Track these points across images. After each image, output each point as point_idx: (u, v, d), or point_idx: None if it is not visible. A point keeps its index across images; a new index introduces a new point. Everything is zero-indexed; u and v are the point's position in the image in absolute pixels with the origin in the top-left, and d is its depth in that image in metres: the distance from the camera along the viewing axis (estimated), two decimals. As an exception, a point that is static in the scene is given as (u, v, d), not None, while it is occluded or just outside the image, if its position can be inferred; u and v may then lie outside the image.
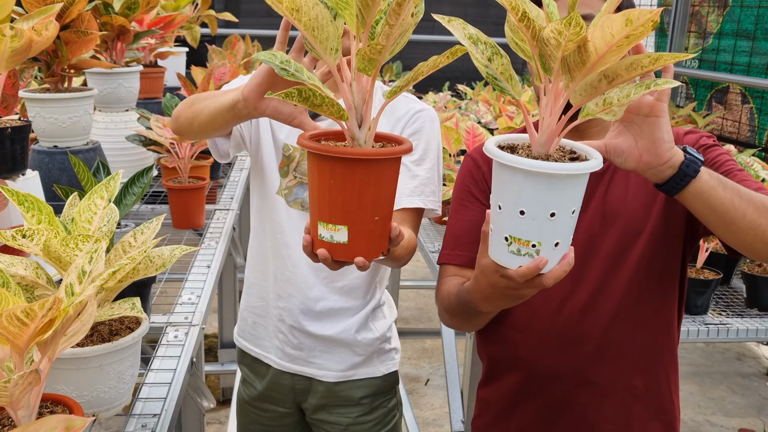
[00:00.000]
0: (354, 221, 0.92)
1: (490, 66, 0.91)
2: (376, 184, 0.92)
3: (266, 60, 0.89)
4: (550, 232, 0.89)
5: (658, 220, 1.20)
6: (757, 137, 3.52)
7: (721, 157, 1.19)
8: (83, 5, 1.99)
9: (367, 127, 0.93)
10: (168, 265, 1.11)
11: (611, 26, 0.79)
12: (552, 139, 0.91)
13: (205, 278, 1.76)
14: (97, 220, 1.12)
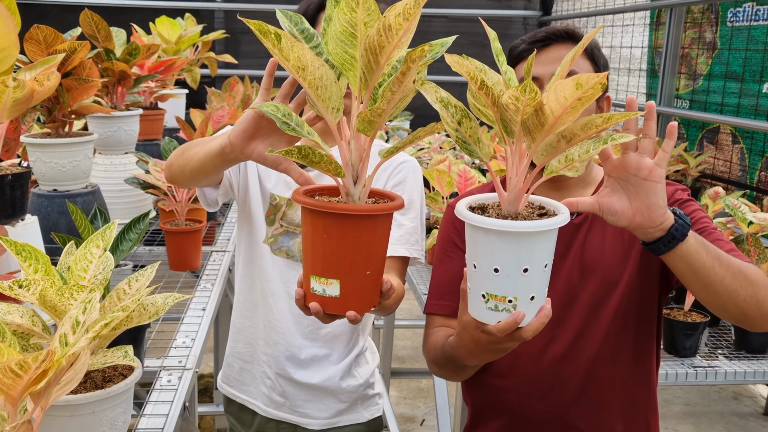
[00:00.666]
0: (346, 275, 0.95)
1: (460, 129, 0.95)
2: (369, 240, 0.95)
3: (270, 113, 0.93)
4: (525, 287, 0.92)
5: (634, 271, 1.23)
6: (748, 177, 3.57)
7: (696, 213, 1.22)
8: (85, 53, 2.05)
9: (362, 184, 0.96)
10: (161, 313, 1.13)
11: (564, 90, 0.84)
12: (520, 198, 0.95)
13: (200, 321, 1.78)
14: (93, 268, 1.15)
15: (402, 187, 1.46)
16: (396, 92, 0.89)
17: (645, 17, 4.57)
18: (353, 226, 0.93)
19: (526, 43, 1.30)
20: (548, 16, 6.00)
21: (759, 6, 3.44)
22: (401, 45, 0.88)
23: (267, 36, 0.88)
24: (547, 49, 1.28)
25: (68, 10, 5.39)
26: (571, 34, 1.28)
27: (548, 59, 1.26)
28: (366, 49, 0.87)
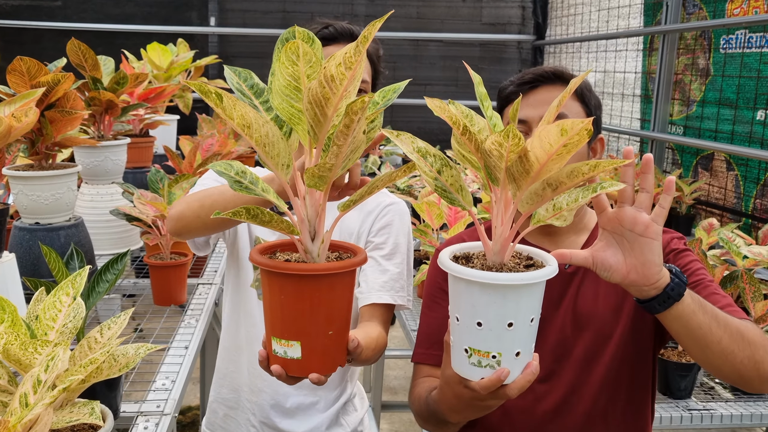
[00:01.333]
0: (307, 337, 0.91)
1: (440, 178, 0.91)
2: (327, 300, 0.91)
3: (220, 171, 0.89)
4: (509, 342, 0.88)
5: (627, 324, 1.20)
6: (743, 204, 3.54)
7: (692, 265, 1.19)
8: (69, 85, 2.02)
9: (320, 241, 0.92)
10: (132, 365, 1.09)
11: (548, 136, 0.81)
12: (506, 247, 0.91)
13: (182, 361, 1.73)
14: (62, 317, 1.11)
15: (388, 230, 1.42)
16: (343, 145, 0.86)
17: (638, 43, 4.58)
18: (310, 287, 0.89)
19: (514, 85, 1.28)
20: (542, 40, 6.02)
21: (751, 33, 3.43)
22: (348, 94, 0.85)
23: (208, 96, 0.85)
24: (536, 91, 1.25)
25: (62, 34, 5.37)
26: (559, 75, 1.25)
27: (537, 101, 1.23)
28: (310, 102, 0.85)
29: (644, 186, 0.97)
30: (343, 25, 1.42)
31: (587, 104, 1.27)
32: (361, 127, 0.87)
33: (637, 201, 0.97)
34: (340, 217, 0.95)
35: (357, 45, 0.82)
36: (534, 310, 0.90)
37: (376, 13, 6.02)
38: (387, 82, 5.20)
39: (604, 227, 1.00)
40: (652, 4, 4.38)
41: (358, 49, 0.81)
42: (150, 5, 5.74)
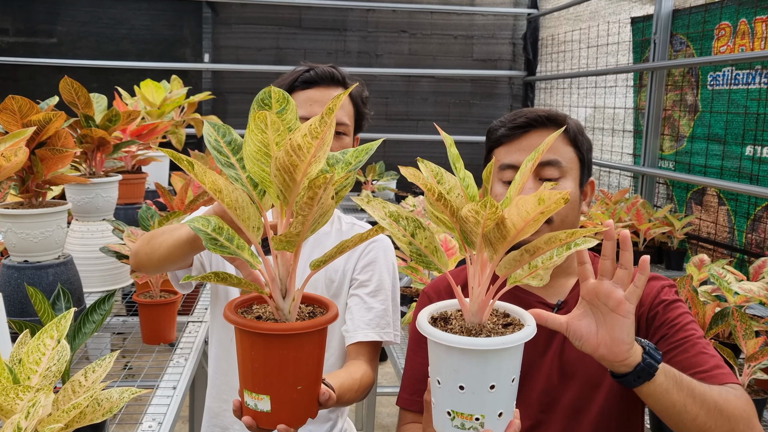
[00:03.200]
0: (276, 391, 0.93)
1: (414, 242, 0.92)
2: (295, 357, 0.92)
3: (197, 228, 0.89)
4: (492, 404, 0.89)
5: None
6: (736, 238, 3.55)
7: (681, 319, 1.18)
8: (60, 123, 2.03)
9: (292, 298, 0.94)
10: (116, 410, 1.07)
11: (525, 205, 0.84)
12: (483, 308, 0.93)
13: (170, 402, 1.71)
14: (46, 360, 1.09)
15: (372, 267, 1.43)
16: (308, 215, 0.88)
17: (628, 79, 4.64)
18: (278, 345, 0.92)
19: (506, 128, 1.27)
20: (533, 76, 6.09)
21: (738, 70, 3.48)
22: (317, 160, 0.87)
23: (181, 162, 0.89)
24: (528, 135, 1.25)
25: (57, 71, 5.41)
26: (553, 119, 1.25)
27: (529, 146, 1.23)
28: (278, 169, 0.87)
29: (623, 263, 0.98)
30: (324, 69, 1.44)
31: (579, 148, 1.28)
32: (328, 194, 0.88)
33: (615, 277, 0.98)
34: (311, 276, 0.96)
35: (322, 116, 0.84)
36: (515, 370, 0.91)
37: (368, 50, 6.09)
38: (380, 117, 5.32)
39: (584, 297, 1.01)
40: (640, 41, 4.45)
41: (323, 120, 0.84)
42: (145, 42, 5.80)
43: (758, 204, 3.38)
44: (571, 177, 1.25)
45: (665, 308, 1.20)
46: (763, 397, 1.74)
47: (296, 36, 6.01)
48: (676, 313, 1.19)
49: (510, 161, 1.24)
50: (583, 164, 1.27)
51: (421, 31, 6.17)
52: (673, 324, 1.18)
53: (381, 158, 5.58)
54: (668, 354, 1.16)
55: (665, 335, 1.18)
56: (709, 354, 1.14)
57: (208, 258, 1.48)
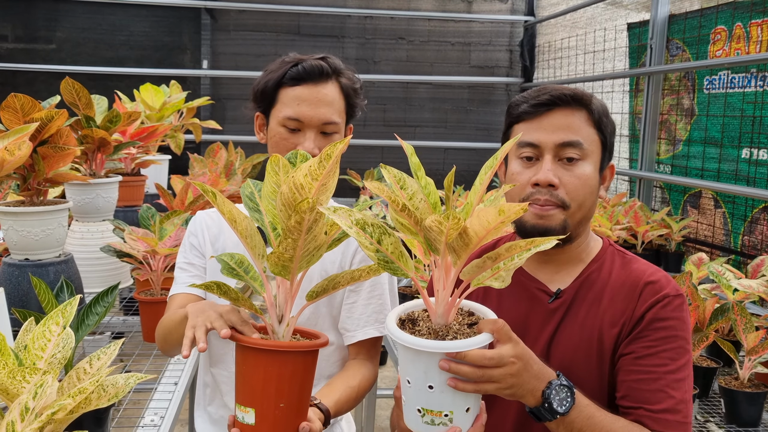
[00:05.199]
0: (259, 406, 0.98)
1: (381, 249, 0.96)
2: (278, 374, 0.98)
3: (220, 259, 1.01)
4: (460, 401, 0.95)
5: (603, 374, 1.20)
6: (732, 241, 3.57)
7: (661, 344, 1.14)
8: (62, 122, 2.04)
9: (287, 324, 1.01)
10: (121, 395, 1.08)
11: (487, 216, 0.89)
12: (449, 310, 0.97)
13: (171, 397, 1.71)
14: (51, 347, 1.10)
15: (368, 261, 1.42)
16: (298, 239, 0.95)
17: (624, 84, 4.67)
18: (264, 360, 0.98)
19: (529, 104, 1.21)
20: (530, 82, 6.12)
21: (734, 74, 3.51)
22: (322, 191, 0.95)
23: (207, 193, 1.00)
24: (551, 113, 1.19)
25: (55, 76, 5.42)
26: (578, 98, 1.19)
27: (552, 126, 1.18)
28: (283, 204, 0.94)
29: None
30: (312, 64, 1.39)
31: (603, 131, 1.23)
32: (321, 228, 0.94)
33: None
34: (308, 305, 1.04)
35: (321, 160, 0.91)
36: None
37: (366, 57, 6.12)
38: (378, 123, 5.35)
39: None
40: (636, 46, 4.49)
41: (322, 164, 0.92)
42: (143, 48, 5.82)
43: (755, 206, 3.40)
44: (591, 160, 1.20)
45: (651, 324, 1.15)
46: (763, 391, 1.75)
47: (294, 43, 6.03)
48: (659, 335, 1.14)
49: (530, 139, 1.19)
50: (605, 148, 1.23)
51: (419, 38, 6.20)
52: (649, 345, 1.14)
53: (379, 163, 5.59)
54: (631, 374, 1.14)
55: (637, 353, 1.15)
56: (669, 393, 1.11)
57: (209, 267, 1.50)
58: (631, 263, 1.25)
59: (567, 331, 1.21)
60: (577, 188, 1.19)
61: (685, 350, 1.15)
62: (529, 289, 1.27)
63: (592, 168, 1.20)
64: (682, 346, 1.15)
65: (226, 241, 1.48)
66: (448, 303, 0.97)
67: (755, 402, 1.72)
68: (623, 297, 1.20)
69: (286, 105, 1.39)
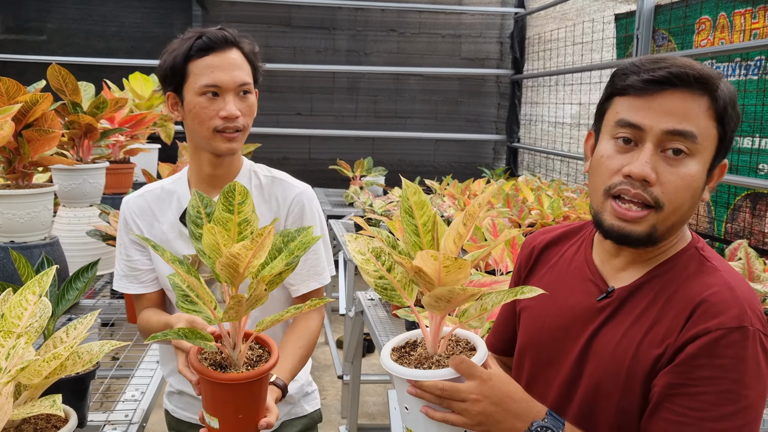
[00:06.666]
0: (221, 417, 1.16)
1: (387, 276, 1.06)
2: (234, 397, 1.15)
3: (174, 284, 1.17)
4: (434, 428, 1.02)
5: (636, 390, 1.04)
6: (716, 228, 3.61)
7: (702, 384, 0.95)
8: (47, 105, 2.06)
9: (239, 350, 1.17)
10: (95, 360, 1.10)
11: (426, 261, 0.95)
12: (436, 341, 1.05)
13: (153, 374, 1.74)
14: (27, 315, 1.12)
15: (300, 219, 1.54)
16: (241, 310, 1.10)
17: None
18: (221, 388, 1.14)
19: (640, 79, 1.01)
20: (520, 74, 6.15)
21: (718, 63, 3.55)
22: (257, 257, 1.09)
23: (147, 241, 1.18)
24: (664, 94, 0.99)
25: (46, 67, 5.43)
26: (704, 81, 0.99)
27: (663, 109, 0.99)
28: (223, 266, 1.08)
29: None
30: (215, 33, 1.45)
31: (724, 125, 1.01)
32: (261, 287, 1.07)
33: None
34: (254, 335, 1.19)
35: (253, 239, 1.05)
36: None
37: (357, 48, 6.14)
38: (369, 114, 5.38)
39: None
40: (623, 37, 4.52)
41: (254, 241, 1.05)
42: (134, 39, 5.83)
43: (737, 194, 3.44)
44: (701, 157, 1.00)
45: (694, 360, 0.97)
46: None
47: (286, 34, 6.05)
48: (702, 374, 0.96)
49: (633, 119, 1.01)
50: (721, 144, 1.02)
51: (410, 30, 6.22)
52: (685, 384, 0.97)
53: (370, 154, 5.62)
54: (661, 411, 0.99)
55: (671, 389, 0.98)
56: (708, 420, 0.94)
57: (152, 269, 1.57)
58: (706, 273, 1.03)
59: (606, 337, 1.07)
60: (678, 190, 0.99)
61: (738, 397, 0.94)
62: (586, 280, 1.13)
63: (700, 167, 1.00)
64: (733, 391, 0.94)
65: (161, 225, 1.54)
66: (434, 336, 1.04)
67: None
68: (675, 314, 1.01)
69: (200, 75, 1.43)
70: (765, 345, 0.96)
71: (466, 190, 3.86)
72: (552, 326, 1.15)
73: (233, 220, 1.16)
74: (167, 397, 1.65)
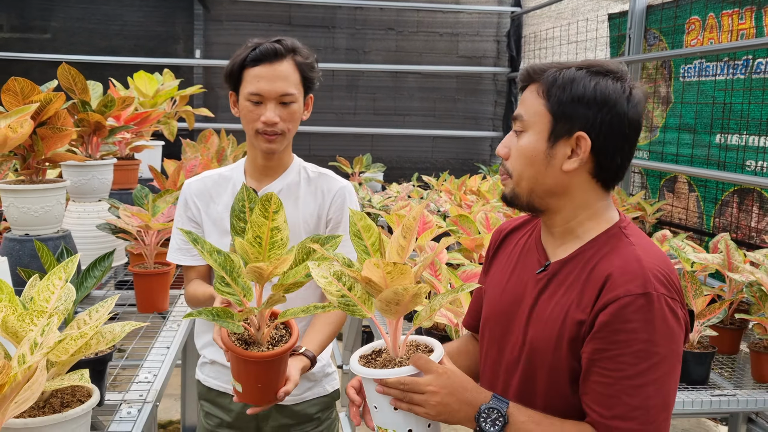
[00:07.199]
0: (244, 384, 1.37)
1: (348, 294, 1.21)
2: (256, 371, 1.36)
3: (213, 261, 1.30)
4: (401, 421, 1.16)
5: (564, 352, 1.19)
6: (705, 223, 3.72)
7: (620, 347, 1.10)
8: (60, 104, 2.16)
9: (262, 332, 1.36)
10: (118, 339, 1.20)
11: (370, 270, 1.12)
12: (395, 346, 1.20)
13: (164, 358, 1.84)
14: (54, 299, 1.23)
15: (341, 211, 1.76)
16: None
17: (606, 73, 4.79)
18: (244, 362, 1.34)
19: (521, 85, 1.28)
20: (516, 72, 6.25)
21: (707, 62, 3.65)
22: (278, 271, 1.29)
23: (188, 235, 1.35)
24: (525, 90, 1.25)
25: (50, 65, 5.52)
26: (530, 75, 1.23)
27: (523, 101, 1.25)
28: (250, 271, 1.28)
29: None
30: (267, 47, 1.67)
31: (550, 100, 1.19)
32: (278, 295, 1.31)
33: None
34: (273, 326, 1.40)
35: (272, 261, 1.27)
36: None
37: (356, 47, 6.23)
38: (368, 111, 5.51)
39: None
40: (617, 36, 4.62)
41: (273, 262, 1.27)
42: (137, 38, 5.92)
43: (725, 189, 3.55)
44: (533, 131, 1.20)
45: (606, 327, 1.11)
46: (710, 351, 1.89)
47: (286, 33, 6.10)
48: (617, 338, 1.10)
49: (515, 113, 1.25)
50: (555, 117, 1.18)
51: (408, 29, 6.31)
52: (604, 348, 1.12)
53: (368, 151, 5.72)
54: (590, 375, 1.14)
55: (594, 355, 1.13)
56: (622, 399, 1.09)
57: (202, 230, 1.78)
58: (621, 248, 1.18)
59: (543, 304, 1.22)
60: (515, 159, 1.23)
61: (650, 354, 1.08)
62: (534, 257, 1.29)
63: (532, 138, 1.20)
64: (647, 350, 1.08)
65: (217, 206, 1.77)
66: (393, 339, 1.20)
67: (703, 362, 1.87)
68: (592, 285, 1.16)
69: (248, 83, 1.66)
70: (671, 306, 1.11)
71: (462, 186, 3.96)
72: (505, 300, 1.30)
73: (267, 225, 1.33)
74: (200, 368, 1.86)
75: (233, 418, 1.79)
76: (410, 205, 2.76)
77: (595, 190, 1.22)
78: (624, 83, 1.19)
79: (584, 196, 1.21)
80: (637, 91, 1.20)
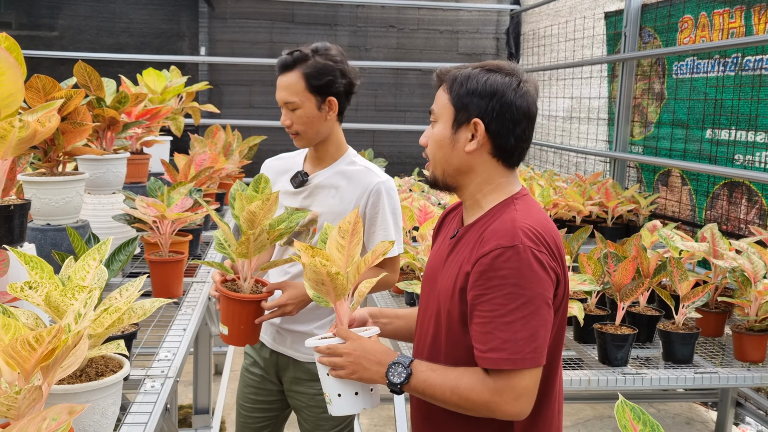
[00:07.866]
0: (230, 325, 1.76)
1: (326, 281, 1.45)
2: (238, 311, 1.76)
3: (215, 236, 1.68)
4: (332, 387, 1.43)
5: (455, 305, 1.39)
6: (697, 215, 3.83)
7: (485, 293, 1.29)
8: (79, 100, 2.27)
9: (248, 282, 1.79)
10: (148, 314, 1.32)
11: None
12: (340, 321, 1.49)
13: (181, 339, 1.96)
14: (90, 277, 1.34)
15: (377, 206, 1.95)
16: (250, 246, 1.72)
17: (602, 70, 4.91)
18: (229, 303, 1.77)
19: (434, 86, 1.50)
20: (516, 69, 6.36)
21: (699, 60, 3.76)
22: (267, 217, 1.72)
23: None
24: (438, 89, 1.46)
25: (58, 62, 5.65)
26: (439, 76, 1.46)
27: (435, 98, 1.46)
28: (244, 220, 1.71)
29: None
30: (281, 60, 1.97)
31: (452, 94, 1.40)
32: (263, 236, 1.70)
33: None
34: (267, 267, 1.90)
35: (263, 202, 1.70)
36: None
37: (358, 44, 6.34)
38: (369, 108, 5.67)
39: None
40: (613, 34, 4.73)
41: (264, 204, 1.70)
42: (143, 35, 6.03)
43: (716, 183, 3.66)
44: (441, 121, 1.42)
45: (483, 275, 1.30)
46: (695, 332, 2.01)
47: (289, 30, 6.25)
48: (491, 284, 1.29)
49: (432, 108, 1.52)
50: (456, 108, 1.39)
51: (409, 26, 6.43)
52: (482, 294, 1.30)
53: (370, 146, 5.84)
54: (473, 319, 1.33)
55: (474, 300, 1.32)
56: (496, 335, 1.27)
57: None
58: (505, 213, 1.37)
59: (448, 265, 1.43)
60: (430, 145, 1.45)
61: (517, 296, 1.26)
62: (453, 227, 1.52)
63: (440, 127, 1.42)
64: (515, 293, 1.26)
65: (282, 182, 2.12)
66: (338, 318, 1.48)
67: (687, 342, 1.98)
68: (479, 244, 1.35)
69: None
70: (537, 256, 1.29)
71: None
72: (430, 266, 1.53)
73: (257, 197, 1.64)
74: None
75: (263, 363, 2.15)
76: (412, 197, 2.87)
77: (496, 168, 1.41)
78: (513, 78, 1.38)
79: (487, 173, 1.41)
80: (526, 84, 1.38)
